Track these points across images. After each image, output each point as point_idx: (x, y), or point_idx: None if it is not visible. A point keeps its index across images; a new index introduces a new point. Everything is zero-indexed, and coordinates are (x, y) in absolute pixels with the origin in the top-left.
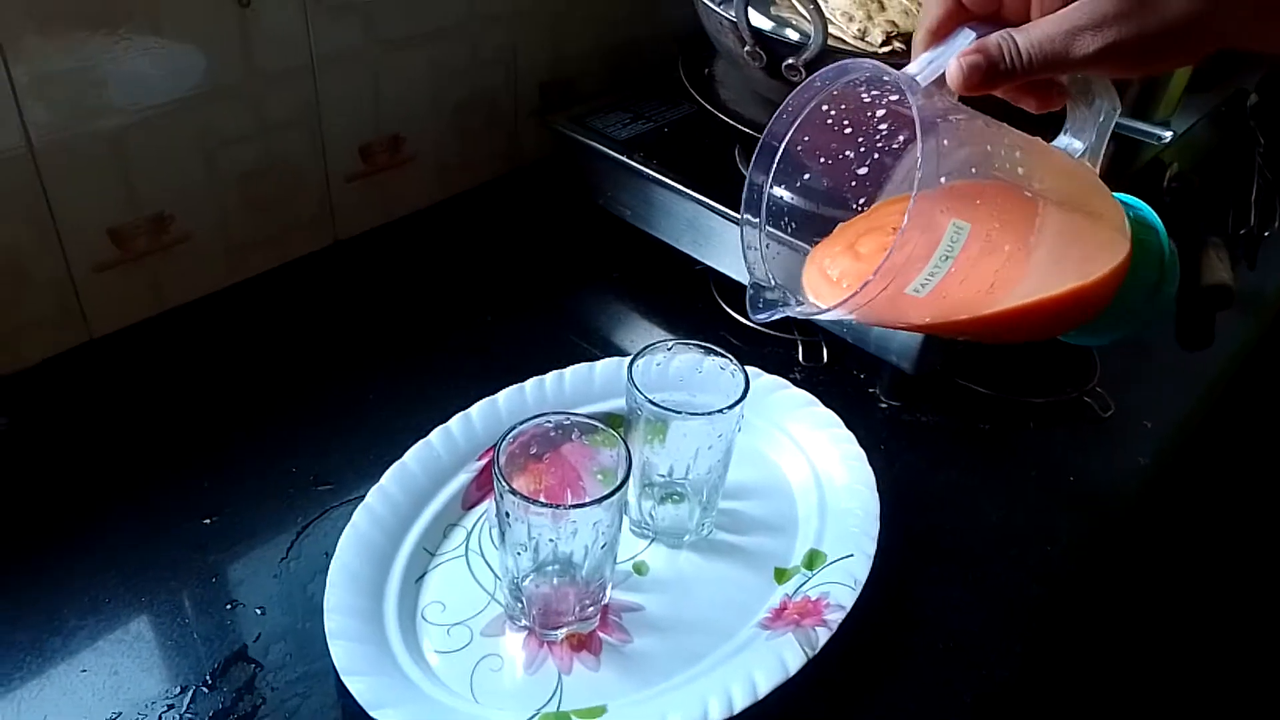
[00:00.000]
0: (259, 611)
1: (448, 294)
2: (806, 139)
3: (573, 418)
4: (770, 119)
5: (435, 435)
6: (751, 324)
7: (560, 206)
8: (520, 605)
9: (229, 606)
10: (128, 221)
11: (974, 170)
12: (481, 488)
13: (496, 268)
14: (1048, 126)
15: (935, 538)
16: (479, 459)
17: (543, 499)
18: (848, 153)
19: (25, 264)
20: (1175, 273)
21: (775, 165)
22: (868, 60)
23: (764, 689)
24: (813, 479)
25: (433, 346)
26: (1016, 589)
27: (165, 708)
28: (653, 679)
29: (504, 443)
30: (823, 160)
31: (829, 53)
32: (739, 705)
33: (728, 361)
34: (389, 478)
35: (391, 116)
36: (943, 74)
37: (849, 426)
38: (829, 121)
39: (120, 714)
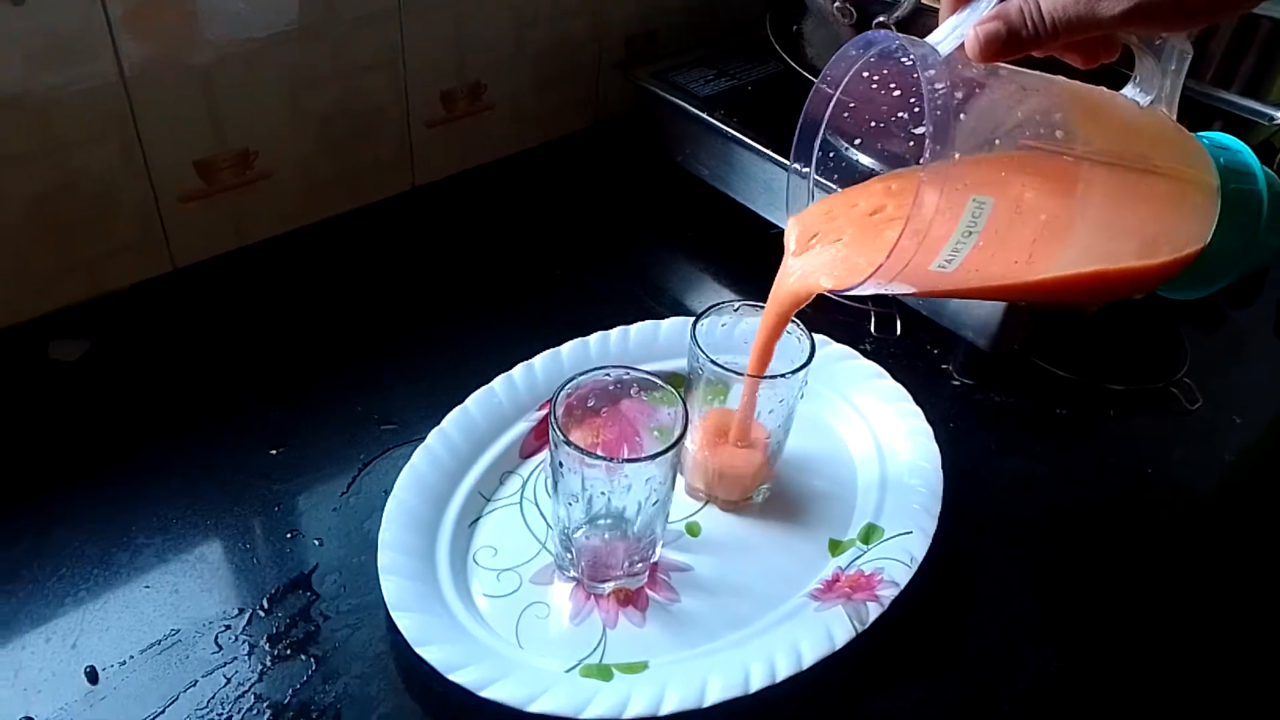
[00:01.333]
0: (317, 543)
1: (520, 245)
2: (852, 105)
3: (633, 373)
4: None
5: (498, 382)
6: (823, 291)
7: (639, 163)
8: (570, 556)
9: (289, 535)
10: (214, 155)
11: (998, 142)
12: (539, 437)
13: (570, 221)
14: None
15: (1000, 522)
16: (539, 409)
17: (599, 453)
18: (901, 114)
19: (114, 191)
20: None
21: (819, 139)
22: (890, 32)
23: (809, 660)
24: (875, 452)
25: (501, 296)
26: (1081, 580)
27: (223, 628)
28: (697, 640)
29: (561, 393)
30: (874, 124)
31: (921, 10)
32: (782, 674)
33: (794, 326)
34: (449, 421)
35: (474, 64)
36: None
37: (918, 402)
38: (874, 86)
39: (179, 630)
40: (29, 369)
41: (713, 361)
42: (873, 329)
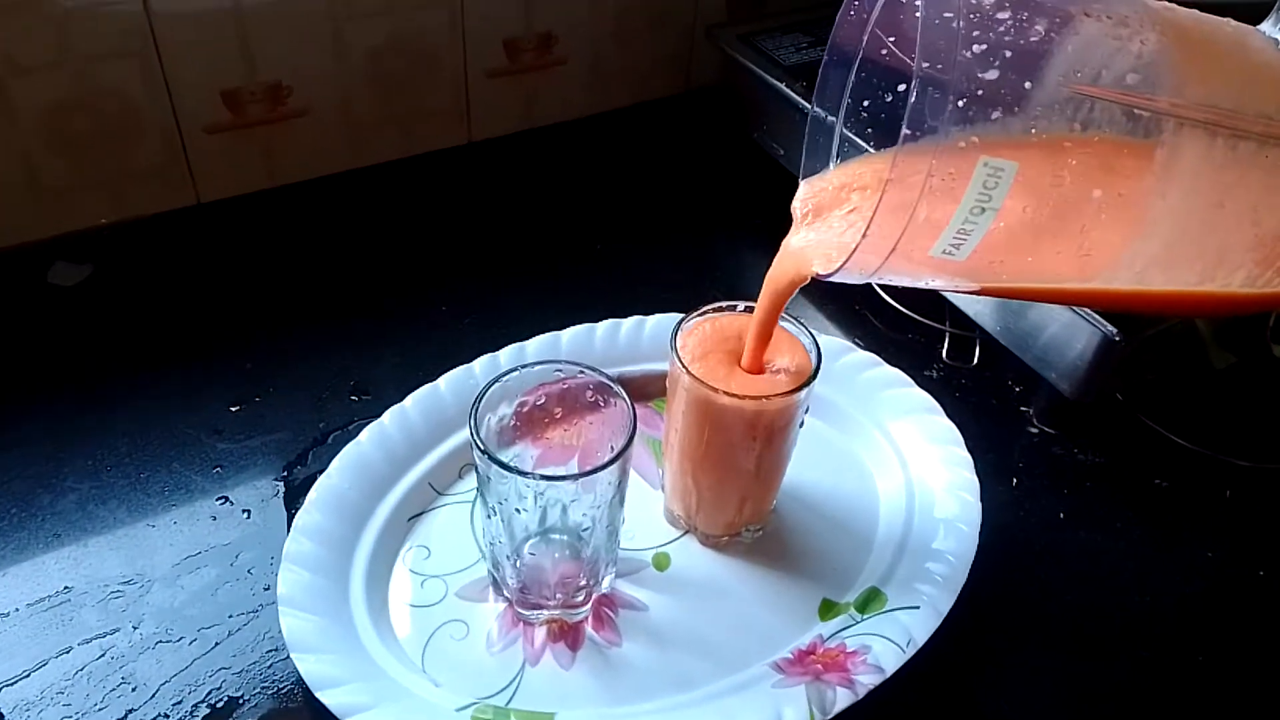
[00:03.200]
0: (245, 514)
1: (567, 215)
2: (892, 40)
3: (589, 374)
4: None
5: (479, 362)
6: (816, 275)
7: (722, 138)
8: (498, 574)
9: (219, 501)
10: (242, 86)
11: (1028, 85)
12: (519, 429)
13: (628, 195)
14: None
15: (1044, 610)
16: (524, 394)
17: (577, 461)
18: (964, 53)
19: (134, 113)
20: None
21: (850, 81)
22: None
23: None
24: (905, 501)
25: (532, 269)
26: (1137, 702)
27: (114, 594)
28: (624, 696)
29: (491, 390)
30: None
31: None
32: None
33: (803, 334)
34: (413, 400)
35: (545, 11)
36: None
37: (983, 447)
38: (917, 14)
39: (71, 588)
40: (25, 291)
41: (687, 371)
42: (945, 354)
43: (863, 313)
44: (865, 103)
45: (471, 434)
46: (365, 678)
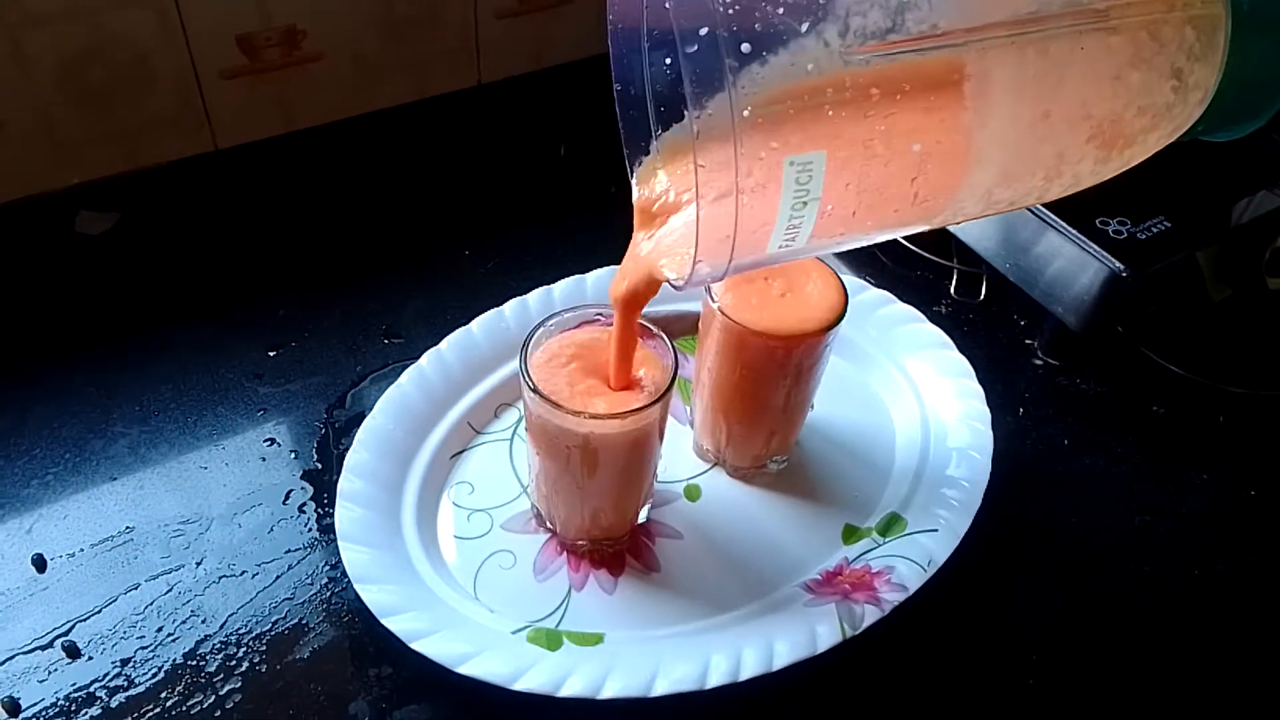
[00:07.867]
0: (292, 455)
1: (582, 158)
2: None
3: None
4: None
5: (509, 306)
6: (668, 281)
7: None
8: (542, 507)
9: (266, 443)
10: (258, 30)
11: (810, 67)
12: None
13: None
14: None
15: (1052, 531)
16: (563, 334)
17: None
18: None
19: (150, 60)
20: None
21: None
22: None
23: (781, 661)
24: (920, 432)
25: (549, 212)
26: (1137, 613)
27: (175, 533)
28: (666, 619)
29: (539, 332)
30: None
31: None
32: (745, 673)
33: (832, 277)
34: (449, 343)
35: None
36: None
37: (990, 379)
38: None
39: (132, 529)
40: (53, 240)
41: (722, 311)
42: (953, 290)
43: (871, 250)
44: (669, 60)
45: (523, 375)
46: (424, 605)
